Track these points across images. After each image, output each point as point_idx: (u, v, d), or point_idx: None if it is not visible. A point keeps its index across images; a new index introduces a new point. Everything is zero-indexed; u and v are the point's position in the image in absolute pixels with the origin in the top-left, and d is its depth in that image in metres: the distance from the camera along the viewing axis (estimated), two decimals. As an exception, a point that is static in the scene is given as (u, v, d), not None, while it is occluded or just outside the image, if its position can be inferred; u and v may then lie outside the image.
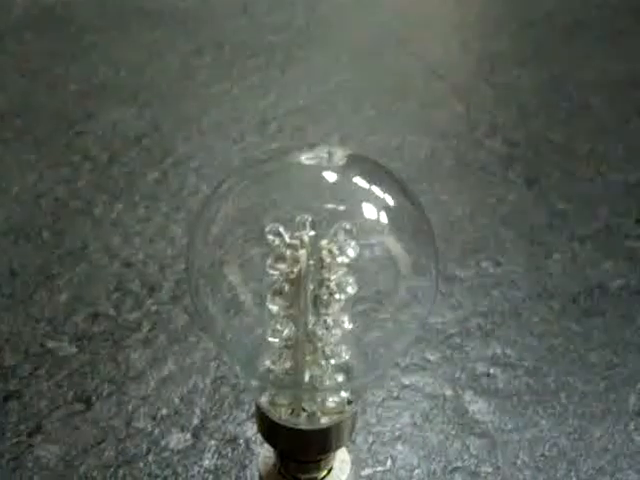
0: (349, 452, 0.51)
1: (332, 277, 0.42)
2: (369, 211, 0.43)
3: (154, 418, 0.63)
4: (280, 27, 1.30)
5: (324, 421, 0.46)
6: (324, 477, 0.50)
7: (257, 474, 0.52)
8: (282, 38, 1.26)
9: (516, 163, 0.96)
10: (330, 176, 0.45)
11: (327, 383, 0.45)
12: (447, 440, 0.62)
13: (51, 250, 0.79)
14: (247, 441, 0.61)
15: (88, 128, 0.99)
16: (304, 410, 0.47)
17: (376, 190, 0.44)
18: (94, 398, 0.64)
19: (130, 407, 0.63)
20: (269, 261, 0.43)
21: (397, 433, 0.62)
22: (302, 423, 0.46)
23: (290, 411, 0.47)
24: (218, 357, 0.68)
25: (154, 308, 0.73)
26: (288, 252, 0.42)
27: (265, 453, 0.51)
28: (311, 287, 0.43)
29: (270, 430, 0.48)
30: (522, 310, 0.75)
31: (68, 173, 0.91)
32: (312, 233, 0.43)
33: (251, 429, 0.62)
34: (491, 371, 0.68)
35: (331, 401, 0.46)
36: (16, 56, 1.21)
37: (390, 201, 0.44)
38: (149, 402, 0.64)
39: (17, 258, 0.78)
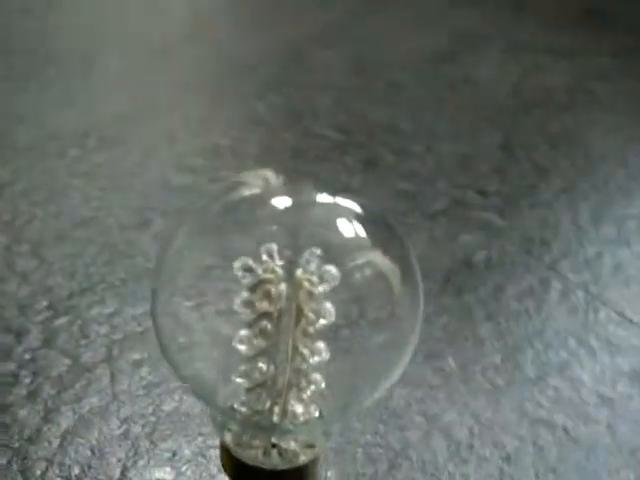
0: None
1: (312, 306, 0.40)
2: (342, 228, 0.41)
3: (68, 479, 0.57)
4: (70, 28, 1.21)
5: (301, 459, 0.44)
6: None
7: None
8: (77, 40, 1.18)
9: (350, 148, 0.97)
10: (283, 202, 0.42)
11: (300, 418, 0.43)
12: (375, 438, 0.61)
13: None
14: (176, 483, 0.57)
15: None
16: (274, 446, 0.44)
17: (339, 201, 0.42)
18: (-8, 470, 0.57)
19: (37, 472, 0.57)
20: (239, 300, 0.40)
21: (327, 443, 0.61)
22: (275, 462, 0.44)
23: (262, 451, 0.44)
24: (116, 398, 0.63)
25: (27, 356, 0.66)
26: (271, 288, 0.39)
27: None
28: (293, 321, 0.40)
29: (241, 473, 0.45)
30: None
31: None
32: (280, 263, 0.40)
33: (176, 470, 0.58)
34: (395, 362, 0.68)
35: (304, 438, 0.44)
36: None
37: (359, 210, 0.42)
38: (57, 462, 0.58)
39: None
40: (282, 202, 0.42)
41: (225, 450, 0.44)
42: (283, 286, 0.39)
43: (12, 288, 0.73)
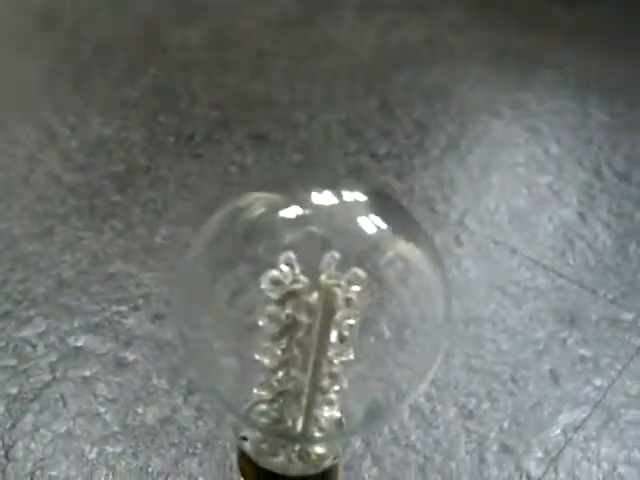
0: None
1: (344, 312, 0.40)
2: (357, 224, 0.41)
3: None
4: None
5: (326, 463, 0.44)
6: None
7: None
8: None
9: (235, 125, 0.95)
10: (291, 211, 0.42)
11: (324, 424, 0.43)
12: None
13: None
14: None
15: None
16: (297, 457, 0.44)
17: (346, 199, 0.42)
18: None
19: None
20: (266, 313, 0.40)
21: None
22: (300, 469, 0.44)
23: (284, 458, 0.44)
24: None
25: (-33, 392, 0.62)
26: (306, 299, 0.39)
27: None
28: (326, 330, 0.40)
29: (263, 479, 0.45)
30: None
31: None
32: (297, 270, 0.40)
33: None
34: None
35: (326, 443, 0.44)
36: None
37: (364, 198, 0.42)
38: None
39: None
40: (290, 213, 0.41)
41: (244, 458, 0.44)
42: (315, 294, 0.39)
43: None
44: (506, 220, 0.84)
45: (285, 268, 0.39)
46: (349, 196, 0.43)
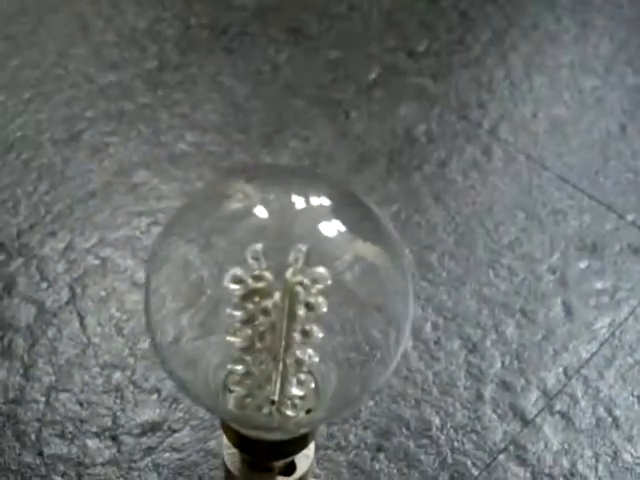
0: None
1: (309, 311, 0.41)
2: (321, 226, 0.41)
3: (62, 437, 0.58)
4: None
5: (302, 430, 0.46)
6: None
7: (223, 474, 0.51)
8: None
9: (271, 17, 0.93)
10: (260, 210, 0.41)
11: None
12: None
13: None
14: None
15: None
16: (273, 403, 0.45)
17: (314, 201, 0.42)
18: (-15, 439, 0.58)
19: (32, 434, 0.58)
20: (231, 307, 0.40)
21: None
22: (276, 423, 0.46)
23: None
24: (90, 342, 0.63)
25: (-9, 308, 0.65)
26: (267, 303, 0.39)
27: (229, 448, 0.50)
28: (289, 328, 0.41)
29: (242, 440, 0.47)
30: (350, 185, 0.76)
31: None
32: (264, 265, 0.40)
33: (162, 408, 0.60)
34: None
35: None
36: None
37: (328, 202, 0.42)
38: (48, 421, 0.59)
39: None
40: (259, 212, 0.41)
41: (227, 427, 0.46)
42: (277, 296, 0.40)
43: (-43, 234, 0.71)
44: (541, 130, 0.82)
45: (251, 261, 0.40)
46: (316, 200, 0.42)
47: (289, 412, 0.43)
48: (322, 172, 0.47)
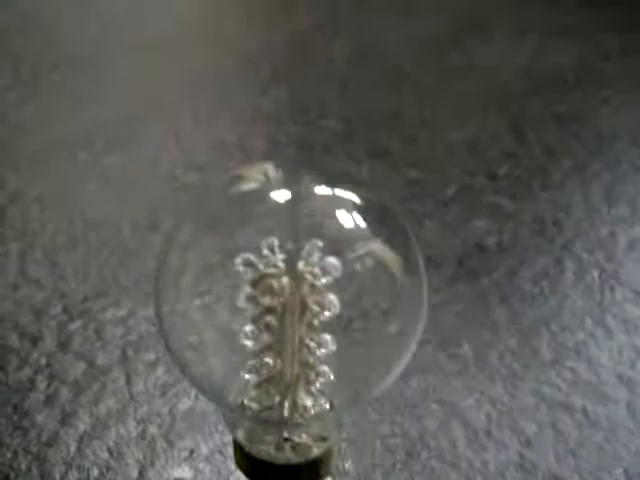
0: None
1: (316, 299, 0.40)
2: (342, 219, 0.41)
3: (87, 481, 0.57)
4: (73, 36, 1.21)
5: (314, 451, 0.44)
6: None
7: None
8: (78, 46, 1.18)
9: (357, 138, 0.96)
10: (283, 195, 0.42)
11: (312, 412, 0.43)
12: (392, 428, 0.61)
13: None
14: (194, 481, 0.57)
15: None
16: (286, 440, 0.44)
17: (339, 192, 0.42)
18: (12, 475, 0.57)
19: (57, 475, 0.57)
20: (243, 296, 0.40)
21: (342, 434, 0.61)
22: (290, 457, 0.44)
23: (274, 446, 0.44)
24: (132, 399, 0.63)
25: (44, 361, 0.66)
26: (273, 282, 0.39)
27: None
28: (298, 314, 0.40)
29: (255, 468, 0.45)
30: (416, 284, 0.75)
31: None
32: (281, 256, 0.40)
33: (194, 468, 0.58)
34: (410, 351, 0.68)
35: (315, 428, 0.44)
36: None
37: (357, 200, 0.42)
38: (76, 465, 0.58)
39: None
40: (281, 195, 0.42)
41: (238, 447, 0.44)
42: (285, 280, 0.39)
43: (26, 294, 0.73)
44: (618, 248, 0.80)
45: (266, 252, 0.40)
46: (345, 195, 0.42)
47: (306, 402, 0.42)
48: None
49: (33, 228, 0.81)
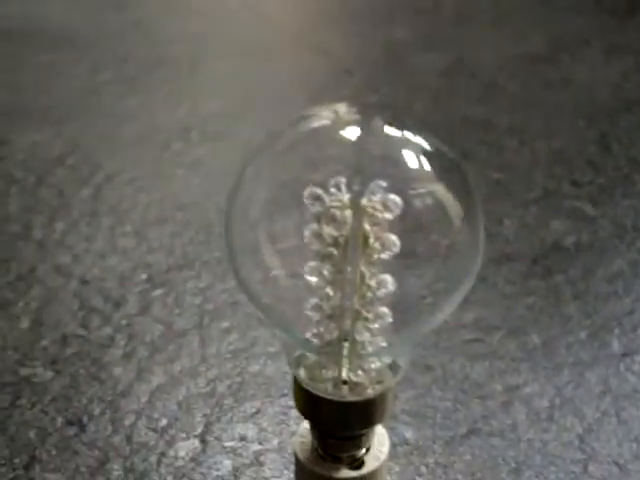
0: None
1: (377, 236, 0.41)
2: (406, 160, 0.42)
3: (155, 430, 0.60)
4: (177, 37, 1.27)
5: (368, 392, 0.45)
6: (364, 455, 0.48)
7: (293, 459, 0.50)
8: (181, 48, 1.23)
9: (445, 143, 0.98)
10: (352, 132, 0.44)
11: (369, 349, 0.44)
12: (454, 406, 0.62)
13: (-2, 278, 0.75)
14: (258, 438, 0.59)
15: (7, 154, 0.94)
16: (345, 382, 0.45)
17: (407, 135, 0.44)
18: (86, 419, 0.60)
19: (127, 423, 0.60)
20: (308, 229, 0.42)
21: (404, 407, 0.61)
22: (345, 395, 0.45)
23: (332, 384, 0.46)
24: (205, 360, 0.66)
25: (124, 322, 0.70)
26: (337, 213, 0.41)
27: (300, 437, 0.49)
28: (356, 249, 0.42)
29: (311, 405, 0.46)
30: (489, 275, 0.76)
31: (-4, 199, 0.86)
32: (348, 195, 0.42)
33: (258, 426, 0.60)
34: (478, 335, 0.69)
35: (373, 369, 0.45)
36: None
37: (426, 145, 0.44)
38: (146, 415, 0.61)
39: (-38, 291, 0.73)
40: (350, 133, 0.43)
41: (297, 383, 0.46)
42: (348, 212, 0.41)
43: (113, 263, 0.77)
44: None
45: (333, 190, 0.42)
46: (413, 138, 0.44)
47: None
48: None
49: (125, 207, 0.85)
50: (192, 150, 0.96)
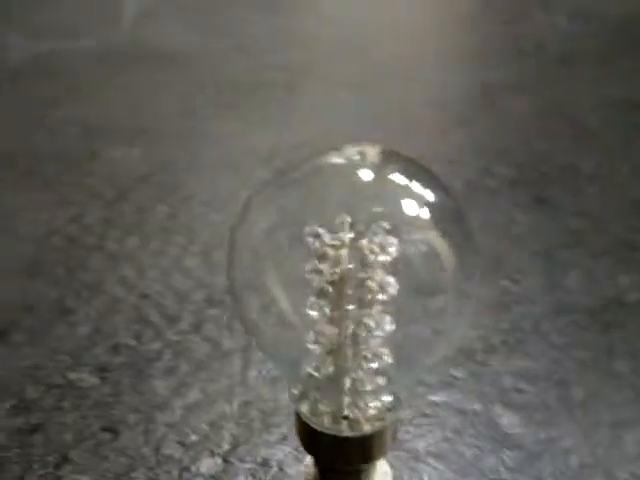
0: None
1: (374, 277, 0.42)
2: (409, 208, 0.43)
3: (183, 444, 0.61)
4: (278, 65, 1.31)
5: (366, 428, 0.46)
6: (366, 489, 0.49)
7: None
8: (281, 76, 1.27)
9: (523, 185, 0.97)
10: (365, 175, 0.45)
11: (368, 387, 0.45)
12: (481, 454, 0.61)
13: (66, 285, 0.79)
14: (279, 463, 0.60)
15: (94, 168, 0.99)
16: (345, 417, 0.46)
17: (415, 186, 0.44)
18: (121, 427, 0.63)
19: (158, 435, 0.62)
20: (309, 265, 0.43)
21: (430, 449, 0.61)
22: (344, 430, 0.46)
23: (331, 419, 0.46)
24: (243, 383, 0.67)
25: (174, 338, 0.72)
26: (330, 252, 0.42)
27: (306, 467, 0.50)
28: (352, 288, 0.42)
29: (311, 439, 0.47)
30: (543, 325, 0.74)
31: (77, 211, 0.91)
32: (351, 235, 0.43)
33: (282, 451, 0.61)
34: (519, 385, 0.68)
35: (372, 406, 0.46)
36: (15, 103, 1.22)
37: (430, 197, 0.44)
38: (177, 429, 0.63)
39: (32, 293, 0.78)
40: (364, 175, 0.44)
41: (298, 417, 0.47)
42: (344, 251, 0.42)
43: (176, 279, 0.80)
44: None
45: (337, 226, 0.43)
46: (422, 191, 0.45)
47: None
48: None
49: (196, 225, 0.88)
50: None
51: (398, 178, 0.45)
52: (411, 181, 0.44)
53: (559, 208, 0.92)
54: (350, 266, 0.42)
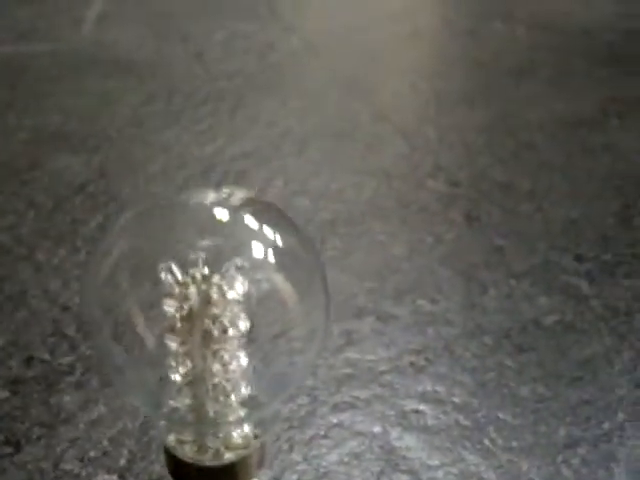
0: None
1: (224, 313, 0.44)
2: (258, 249, 0.45)
3: (82, 460, 0.63)
4: (232, 74, 1.32)
5: (228, 456, 0.47)
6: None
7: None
8: (233, 85, 1.28)
9: (457, 202, 0.98)
10: (223, 214, 0.46)
11: (229, 418, 0.46)
12: (373, 478, 0.62)
13: (-10, 296, 0.80)
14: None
15: (34, 176, 1.00)
16: (209, 447, 0.47)
17: (266, 230, 0.46)
18: (23, 441, 0.64)
19: (59, 449, 0.64)
20: (165, 301, 0.44)
21: (323, 471, 0.62)
22: (207, 460, 0.47)
23: (196, 449, 0.48)
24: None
25: (88, 352, 0.73)
26: (178, 289, 0.43)
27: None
28: (204, 323, 0.44)
29: (177, 468, 0.48)
30: (455, 347, 0.75)
31: (12, 220, 0.92)
32: (205, 271, 0.44)
33: (178, 469, 0.62)
34: (420, 408, 0.69)
35: (235, 436, 0.47)
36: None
37: (279, 241, 0.46)
38: (78, 444, 0.64)
39: (-45, 305, 0.79)
40: (224, 216, 0.46)
41: (165, 449, 0.48)
42: (192, 288, 0.43)
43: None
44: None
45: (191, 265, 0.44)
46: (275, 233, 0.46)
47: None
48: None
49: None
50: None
51: (252, 222, 0.46)
52: (266, 225, 0.46)
53: (488, 226, 0.93)
54: (196, 303, 0.43)
